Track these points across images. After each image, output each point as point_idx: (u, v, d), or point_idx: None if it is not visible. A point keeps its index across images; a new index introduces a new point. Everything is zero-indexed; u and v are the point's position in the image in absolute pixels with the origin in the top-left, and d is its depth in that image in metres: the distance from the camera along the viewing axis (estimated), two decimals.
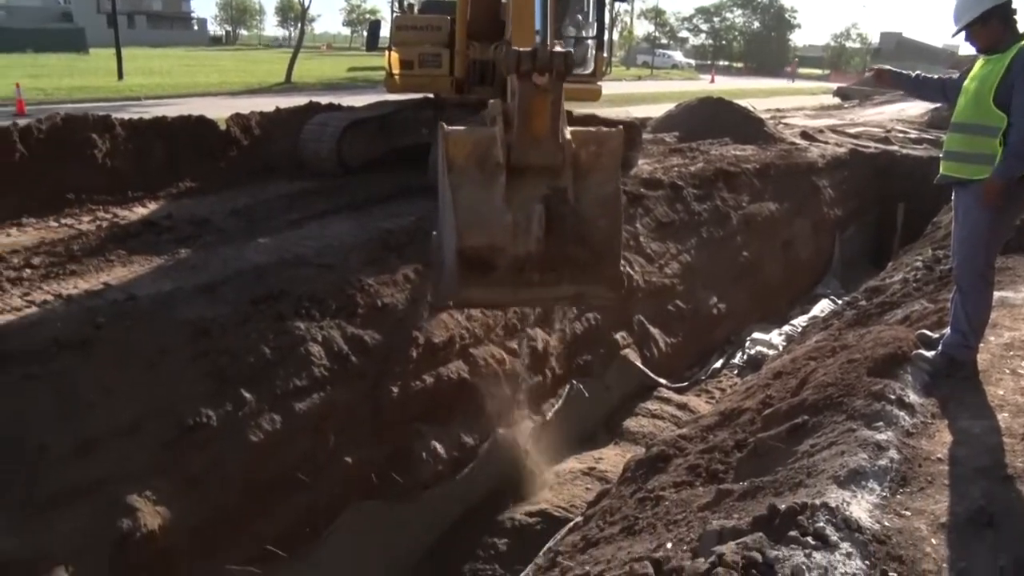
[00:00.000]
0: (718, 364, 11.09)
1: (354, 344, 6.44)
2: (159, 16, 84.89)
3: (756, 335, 11.75)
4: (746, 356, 11.13)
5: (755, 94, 37.64)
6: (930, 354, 4.95)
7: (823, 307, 12.83)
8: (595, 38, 11.06)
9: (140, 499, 5.01)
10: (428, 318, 7.04)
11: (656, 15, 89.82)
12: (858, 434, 3.88)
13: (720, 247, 11.97)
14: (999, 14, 4.57)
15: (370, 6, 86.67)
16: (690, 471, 4.57)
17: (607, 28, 11.21)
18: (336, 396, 6.19)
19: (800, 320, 12.35)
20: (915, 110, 26.19)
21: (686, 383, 10.36)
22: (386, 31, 11.20)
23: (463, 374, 7.20)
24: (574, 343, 8.72)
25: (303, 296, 6.47)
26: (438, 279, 6.09)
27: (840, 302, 10.95)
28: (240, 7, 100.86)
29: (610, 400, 9.32)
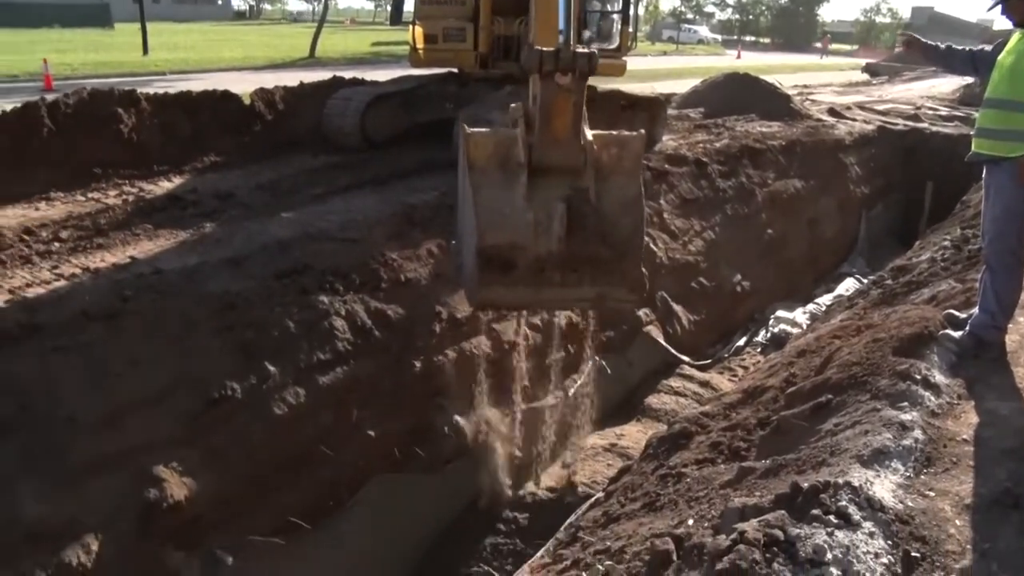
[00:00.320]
0: (741, 342, 11.04)
1: (377, 318, 6.47)
2: None
3: (780, 313, 11.68)
4: (769, 334, 11.07)
5: (782, 70, 37.15)
6: (957, 334, 4.89)
7: (848, 286, 12.73)
8: (620, 12, 10.94)
9: (166, 470, 5.08)
10: (452, 293, 7.06)
11: None
12: (882, 414, 3.85)
13: (744, 224, 11.88)
14: None
15: None
16: (712, 448, 4.56)
17: (633, 2, 11.08)
18: (359, 370, 6.23)
19: (825, 299, 12.26)
20: (946, 87, 25.75)
21: (709, 360, 10.33)
22: (410, 5, 11.12)
23: (486, 349, 7.22)
24: (597, 320, 8.71)
25: (327, 270, 6.50)
26: (459, 283, 6.08)
27: (866, 281, 10.85)
28: None
29: (632, 377, 9.32)
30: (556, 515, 6.54)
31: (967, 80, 21.57)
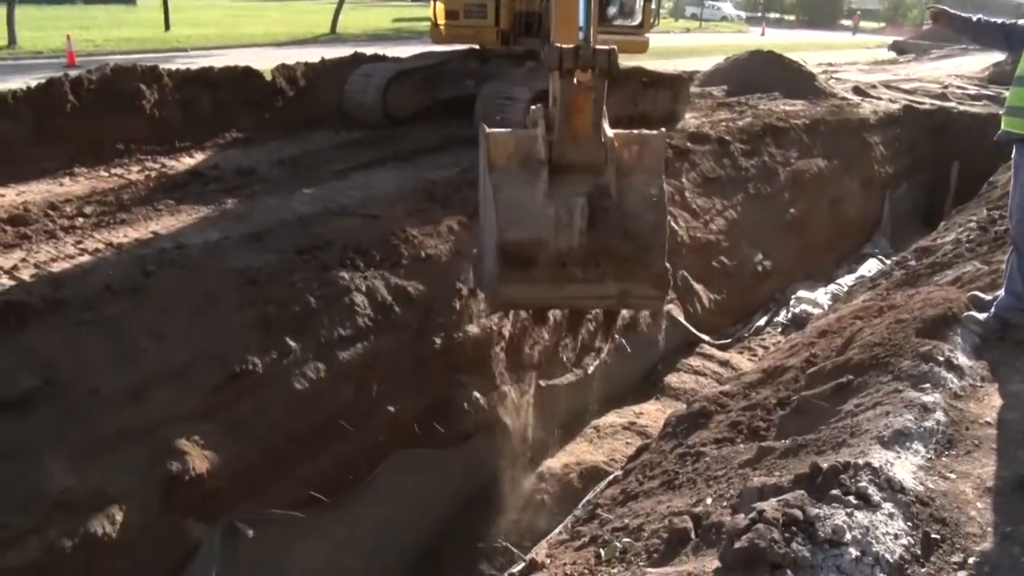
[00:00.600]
0: (762, 322, 11.00)
1: (398, 294, 6.49)
2: None
3: (801, 293, 11.61)
4: (790, 314, 11.02)
5: (807, 48, 36.70)
6: (982, 316, 4.84)
7: (871, 267, 12.63)
8: None
9: (188, 443, 5.14)
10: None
11: None
12: (904, 395, 3.83)
13: (766, 203, 11.78)
14: None
15: None
16: (731, 428, 4.56)
17: None
18: (379, 346, 6.25)
19: (847, 279, 12.18)
20: (975, 65, 25.33)
21: (729, 340, 10.30)
22: None
23: (507, 326, 7.22)
24: None
25: (348, 246, 6.52)
26: (480, 288, 6.05)
27: (889, 262, 10.75)
28: None
29: (652, 355, 9.31)
30: (575, 492, 6.57)
31: (997, 58, 21.23)
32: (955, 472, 3.26)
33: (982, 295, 5.14)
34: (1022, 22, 4.90)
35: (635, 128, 5.47)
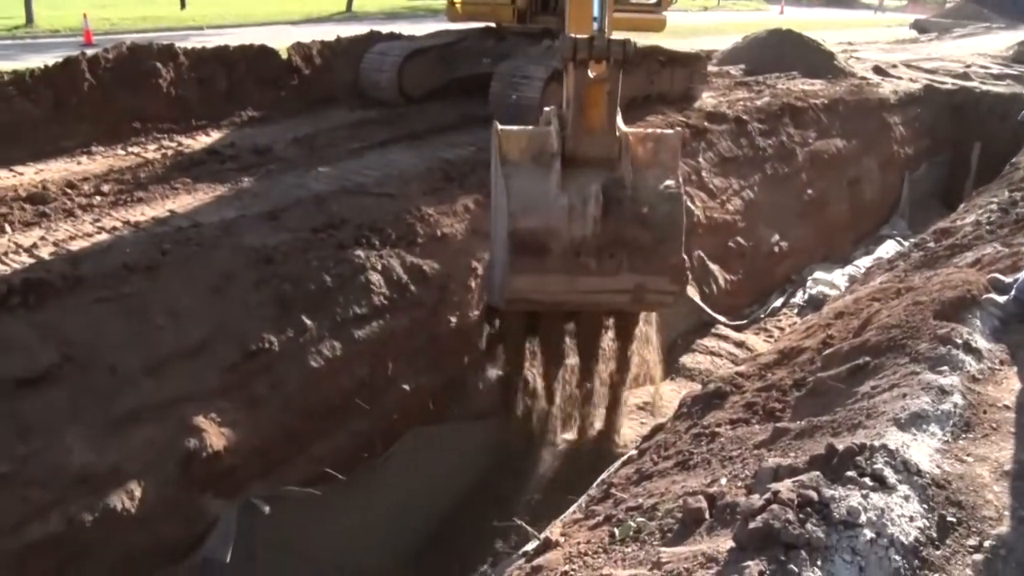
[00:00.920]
0: (778, 303, 10.94)
1: (413, 273, 6.50)
2: None
3: (818, 274, 11.54)
4: (807, 295, 10.96)
5: (827, 26, 36.23)
6: (1002, 299, 4.79)
7: (888, 248, 12.52)
8: None
9: (206, 420, 5.19)
10: (487, 248, 7.05)
11: None
12: (921, 377, 3.79)
13: (784, 184, 11.70)
14: None
15: None
16: (746, 408, 4.54)
17: None
18: (395, 324, 6.27)
19: (864, 261, 12.08)
20: (999, 43, 24.96)
21: (745, 321, 10.26)
22: None
23: None
24: None
25: (363, 225, 6.53)
26: (491, 284, 5.97)
27: (907, 243, 10.65)
28: None
29: (667, 336, 9.28)
30: (589, 471, 6.58)
31: (1022, 36, 20.90)
32: (972, 455, 3.24)
33: (1002, 277, 5.08)
34: None
35: (653, 107, 5.44)
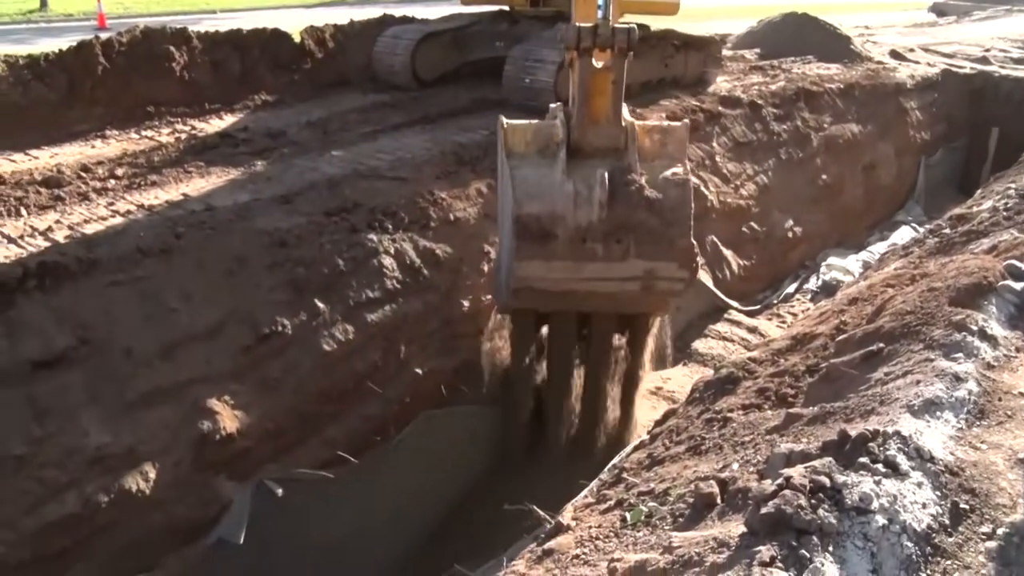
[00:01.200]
0: (791, 288, 10.90)
1: (426, 257, 6.50)
2: None
3: (832, 260, 11.49)
4: (821, 281, 10.91)
5: (843, 9, 35.84)
6: (1019, 286, 4.75)
7: (903, 234, 12.43)
8: None
9: (219, 402, 5.21)
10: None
11: None
12: (935, 364, 3.77)
13: (798, 169, 11.62)
14: None
15: None
16: (759, 394, 4.52)
17: None
18: (407, 308, 6.28)
19: (879, 247, 12.00)
20: (1020, 27, 24.63)
21: (758, 306, 10.23)
22: None
23: None
24: None
25: (376, 208, 6.53)
26: (497, 288, 5.91)
27: (922, 230, 10.57)
28: None
29: (680, 321, 9.26)
30: (600, 456, 6.58)
31: None
32: (986, 443, 3.22)
33: (1019, 264, 5.04)
34: None
35: (667, 91, 5.41)
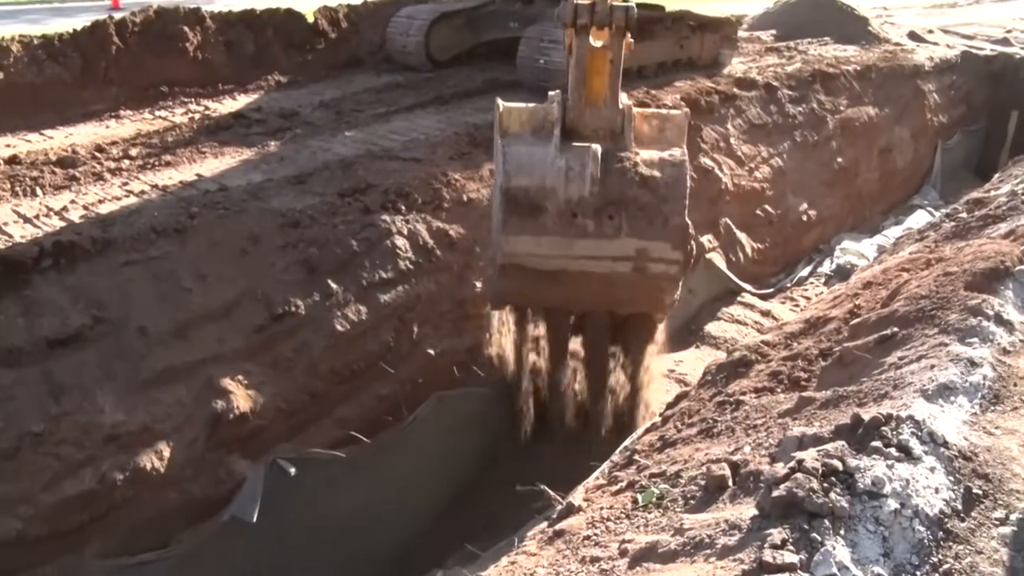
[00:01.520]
0: (805, 272, 10.85)
1: (439, 238, 6.50)
2: None
3: (846, 244, 11.42)
4: (835, 265, 10.85)
5: None
6: None
7: (919, 218, 12.34)
8: None
9: (232, 382, 5.25)
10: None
11: None
12: (950, 349, 3.75)
13: (814, 152, 11.53)
14: None
15: None
16: (772, 377, 4.51)
17: None
18: (420, 288, 6.29)
19: (894, 231, 11.91)
20: None
21: (771, 290, 10.19)
22: None
23: None
24: None
25: (390, 189, 6.53)
26: (490, 286, 5.87)
27: (938, 214, 10.50)
28: None
29: (693, 303, 9.24)
30: (612, 437, 6.59)
31: None
32: (1000, 428, 3.20)
33: None
34: None
35: (682, 72, 5.35)
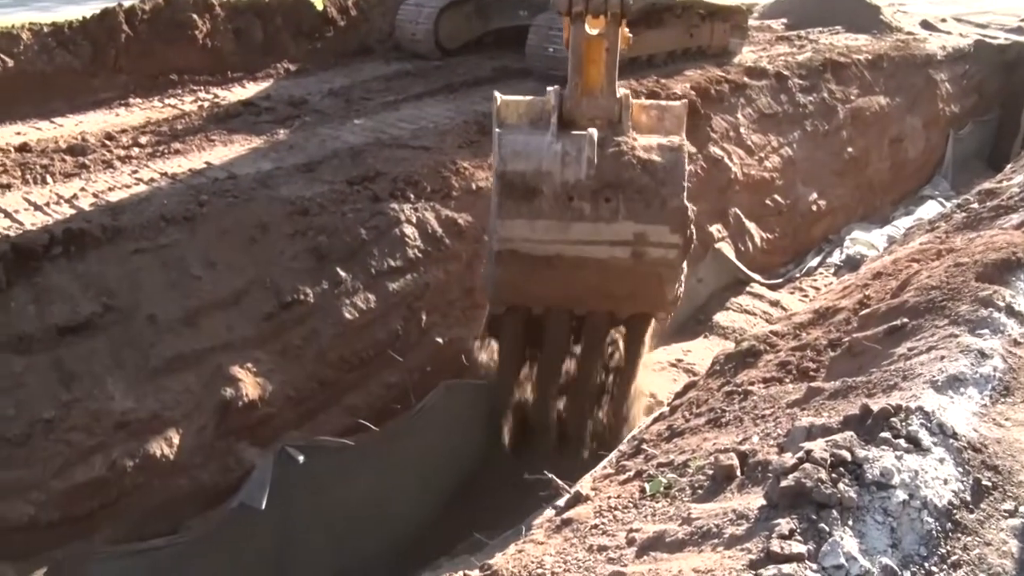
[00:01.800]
0: (814, 262, 10.82)
1: (448, 226, 6.50)
2: None
3: (856, 234, 11.37)
4: (844, 255, 10.81)
5: None
6: None
7: (930, 209, 12.26)
8: None
9: (241, 370, 5.26)
10: None
11: None
12: (960, 340, 3.73)
13: (824, 141, 11.47)
14: None
15: None
16: (780, 367, 4.50)
17: None
18: (428, 277, 6.29)
19: (904, 221, 11.85)
20: None
21: (780, 280, 10.16)
22: None
23: None
24: None
25: (398, 177, 6.53)
26: (487, 285, 5.86)
27: (949, 204, 10.44)
28: None
29: (701, 293, 9.23)
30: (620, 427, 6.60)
31: None
32: (1010, 420, 3.19)
33: None
34: None
35: (692, 61, 5.31)
